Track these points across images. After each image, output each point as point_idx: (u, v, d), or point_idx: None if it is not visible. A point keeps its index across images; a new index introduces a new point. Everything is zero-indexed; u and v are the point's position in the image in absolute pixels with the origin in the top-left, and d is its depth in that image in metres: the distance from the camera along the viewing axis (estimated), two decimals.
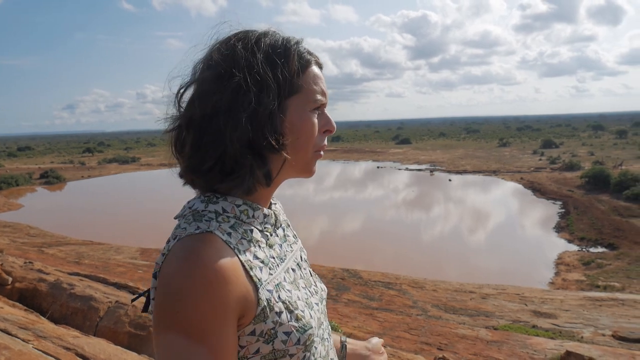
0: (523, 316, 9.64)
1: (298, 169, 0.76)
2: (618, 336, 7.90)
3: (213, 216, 0.68)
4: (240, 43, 0.71)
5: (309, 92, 0.73)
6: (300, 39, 0.76)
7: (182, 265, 0.61)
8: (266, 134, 0.68)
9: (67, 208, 29.26)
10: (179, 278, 0.60)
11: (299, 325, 0.68)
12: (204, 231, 0.64)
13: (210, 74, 0.70)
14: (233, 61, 0.70)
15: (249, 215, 0.72)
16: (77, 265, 11.93)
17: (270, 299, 0.66)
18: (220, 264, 0.61)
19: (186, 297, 0.59)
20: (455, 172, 39.84)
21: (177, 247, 0.63)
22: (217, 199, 0.71)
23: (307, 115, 0.73)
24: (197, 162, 0.70)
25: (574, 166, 33.23)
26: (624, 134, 61.14)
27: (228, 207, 0.70)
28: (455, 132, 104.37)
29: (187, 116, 0.71)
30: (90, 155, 70.60)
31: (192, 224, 0.67)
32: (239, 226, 0.70)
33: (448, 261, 16.93)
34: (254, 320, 0.65)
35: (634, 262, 15.16)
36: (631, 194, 22.21)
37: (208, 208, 0.70)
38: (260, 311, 0.65)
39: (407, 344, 6.76)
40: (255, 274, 0.66)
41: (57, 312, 4.71)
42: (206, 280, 0.59)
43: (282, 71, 0.70)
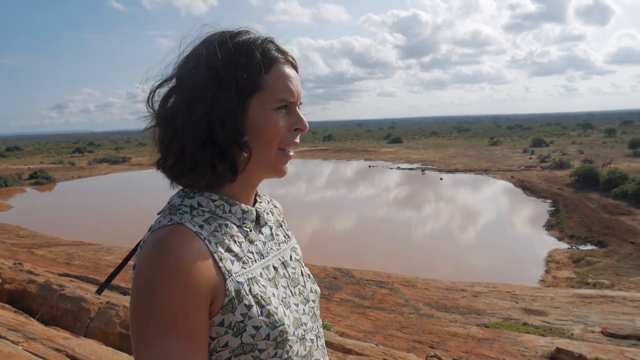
0: (514, 314, 9.72)
1: (265, 167, 0.76)
2: (607, 333, 7.98)
3: (187, 210, 0.71)
4: (205, 44, 0.73)
5: (273, 90, 0.73)
6: (271, 37, 0.76)
7: (151, 254, 0.63)
8: (225, 131, 0.69)
9: (57, 209, 29.00)
10: (148, 267, 0.62)
11: (269, 320, 0.68)
12: (175, 223, 0.67)
13: (177, 74, 0.74)
14: (194, 62, 0.72)
15: (224, 210, 0.73)
16: (67, 266, 11.82)
17: (240, 290, 0.67)
18: (186, 251, 0.63)
19: (154, 284, 0.61)
20: (446, 171, 40.04)
21: (148, 239, 0.66)
22: (193, 194, 0.73)
23: (268, 114, 0.73)
24: (163, 159, 0.73)
25: (564, 165, 33.56)
26: (613, 133, 61.84)
27: (203, 202, 0.72)
28: (446, 131, 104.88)
29: (160, 113, 0.74)
30: (80, 155, 69.98)
31: (166, 217, 0.69)
32: (213, 220, 0.71)
33: (440, 260, 17.02)
34: (221, 310, 0.65)
35: (623, 260, 15.35)
36: (620, 192, 22.48)
37: (184, 202, 0.72)
38: (228, 302, 0.66)
39: (399, 342, 6.78)
40: (225, 265, 0.67)
41: (47, 314, 4.67)
42: (172, 267, 0.61)
43: (243, 69, 0.71)
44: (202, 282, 0.63)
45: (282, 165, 0.77)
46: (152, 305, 0.61)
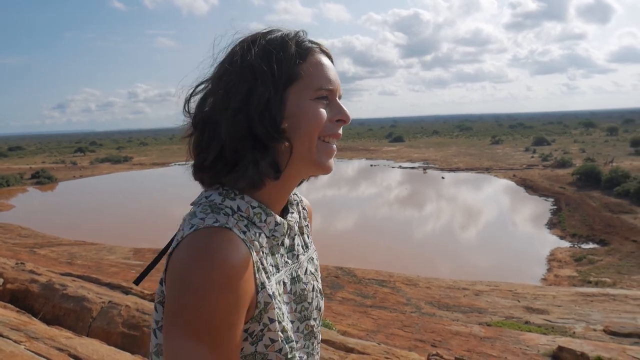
0: (516, 312, 9.72)
1: (308, 162, 0.73)
2: (609, 331, 7.98)
3: (230, 212, 0.68)
4: (239, 45, 0.73)
5: (311, 79, 0.71)
6: (302, 30, 0.76)
7: (201, 258, 0.60)
8: (263, 122, 0.67)
9: (59, 208, 29.05)
10: (198, 271, 0.59)
11: (284, 336, 0.68)
12: (223, 225, 0.64)
13: (210, 77, 0.73)
14: (229, 60, 0.72)
15: (261, 219, 0.71)
16: (69, 265, 11.85)
17: (269, 304, 0.66)
18: (239, 261, 0.61)
19: (205, 292, 0.58)
20: (448, 170, 39.98)
21: (194, 238, 0.62)
22: (234, 195, 0.71)
23: (307, 104, 0.71)
24: (202, 159, 0.71)
25: (566, 163, 33.49)
26: (615, 131, 61.68)
27: (243, 207, 0.70)
28: (448, 129, 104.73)
29: (196, 116, 0.73)
30: (82, 155, 70.08)
31: (209, 215, 0.65)
32: (251, 227, 0.69)
33: (441, 258, 17.01)
34: (250, 320, 0.65)
35: (625, 258, 15.32)
36: (622, 191, 22.42)
37: (225, 203, 0.69)
38: (258, 313, 0.65)
39: (401, 341, 6.78)
40: (260, 277, 0.66)
41: (49, 313, 4.68)
42: (225, 277, 0.59)
43: (278, 60, 0.69)
44: (248, 291, 0.63)
45: (326, 160, 0.74)
46: (201, 313, 0.58)
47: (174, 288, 0.61)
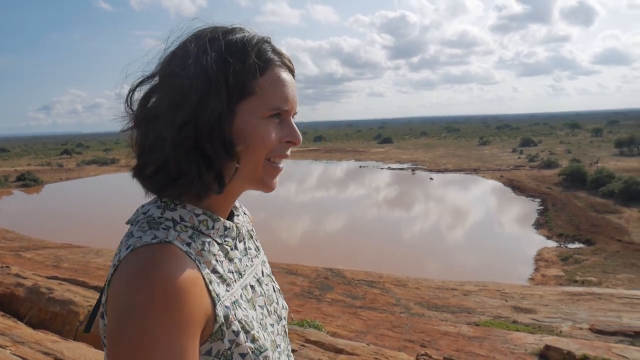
0: (504, 312, 9.80)
1: (252, 181, 0.70)
2: (595, 329, 8.09)
3: (170, 224, 0.63)
4: (194, 40, 0.66)
5: (266, 96, 0.66)
6: (267, 37, 0.70)
7: (140, 278, 0.55)
8: (212, 139, 0.62)
9: (45, 211, 28.65)
10: (137, 293, 0.54)
11: (255, 346, 0.63)
12: (162, 241, 0.59)
13: (160, 71, 0.66)
14: (181, 59, 0.64)
15: (208, 226, 0.67)
16: (55, 269, 11.69)
17: (228, 315, 0.61)
18: (182, 276, 0.56)
19: (148, 314, 0.53)
20: (436, 171, 40.24)
21: (131, 258, 0.57)
22: (175, 205, 0.65)
23: (258, 122, 0.66)
24: (142, 166, 0.65)
25: (552, 164, 33.91)
26: (600, 132, 62.62)
27: (186, 216, 0.65)
28: (436, 131, 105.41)
29: (134, 116, 0.67)
30: (68, 157, 69.23)
31: (147, 232, 0.60)
32: (197, 237, 0.64)
33: (430, 259, 17.11)
34: (210, 338, 0.60)
35: (610, 257, 15.55)
36: (607, 191, 22.77)
37: (165, 215, 0.64)
38: (218, 328, 0.60)
39: (390, 341, 6.81)
40: (214, 289, 0.61)
41: (35, 317, 4.62)
42: (167, 295, 0.54)
43: (235, 71, 0.64)
44: (197, 308, 0.57)
45: (271, 179, 0.71)
46: (144, 339, 0.52)
47: (113, 316, 0.55)
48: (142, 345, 0.52)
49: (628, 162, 33.20)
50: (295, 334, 4.87)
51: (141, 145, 0.65)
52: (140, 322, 0.53)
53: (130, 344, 0.53)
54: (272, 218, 22.75)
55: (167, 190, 0.65)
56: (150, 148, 0.64)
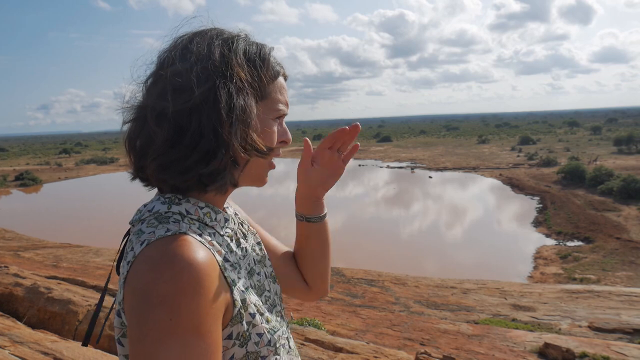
0: (503, 310, 9.82)
1: (253, 177, 0.74)
2: (594, 327, 8.11)
3: (179, 218, 0.65)
4: (219, 40, 0.68)
5: (275, 100, 0.73)
6: (272, 47, 0.75)
7: (163, 268, 0.56)
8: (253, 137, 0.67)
9: (44, 210, 28.63)
10: (163, 284, 0.55)
11: (269, 326, 0.68)
12: (177, 232, 0.61)
13: (188, 66, 0.65)
14: (218, 58, 0.66)
15: (211, 218, 0.70)
16: (54, 268, 11.68)
17: (245, 299, 0.65)
18: (203, 262, 0.58)
19: (177, 301, 0.54)
20: (435, 169, 40.26)
21: (149, 252, 0.58)
22: (179, 200, 0.67)
23: (270, 123, 0.72)
24: (175, 160, 0.64)
25: (551, 162, 33.96)
26: (599, 130, 62.71)
27: (191, 209, 0.67)
28: (435, 129, 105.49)
29: (157, 109, 0.64)
30: (67, 156, 69.18)
31: (158, 226, 0.62)
32: (204, 229, 0.67)
33: (430, 257, 17.13)
34: (231, 322, 0.63)
35: (609, 255, 15.58)
36: (605, 189, 22.81)
37: (172, 209, 0.66)
38: (237, 312, 0.63)
39: (390, 340, 6.82)
40: (229, 275, 0.64)
41: (34, 317, 4.61)
42: (194, 280, 0.56)
43: (261, 76, 0.70)
44: (219, 292, 0.59)
45: (267, 176, 0.77)
46: (174, 324, 0.54)
47: (140, 309, 0.55)
48: (173, 331, 0.53)
49: (627, 160, 33.25)
50: (295, 332, 4.87)
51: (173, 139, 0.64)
52: (170, 309, 0.54)
53: (160, 332, 0.53)
54: (271, 216, 22.76)
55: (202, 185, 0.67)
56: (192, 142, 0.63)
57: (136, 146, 0.69)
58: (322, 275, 0.97)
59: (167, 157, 0.64)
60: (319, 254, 0.95)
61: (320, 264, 0.96)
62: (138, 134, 0.68)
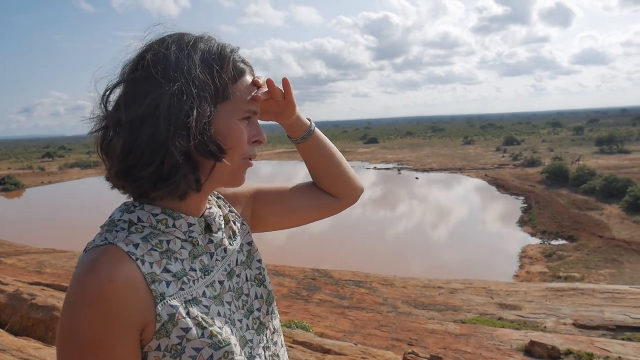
0: (489, 309, 9.92)
1: (225, 177, 0.73)
2: (578, 324, 8.24)
3: (125, 226, 0.67)
4: (174, 45, 0.68)
5: (240, 100, 0.71)
6: (236, 47, 0.74)
7: (77, 278, 0.61)
8: (205, 141, 0.66)
9: (27, 215, 28.14)
10: (73, 291, 0.60)
11: (212, 341, 0.65)
12: (107, 242, 0.63)
13: (141, 74, 0.66)
14: (170, 63, 0.66)
15: (167, 225, 0.69)
16: (38, 274, 11.49)
17: (174, 314, 0.63)
18: (115, 276, 0.60)
19: (77, 309, 0.59)
20: (422, 170, 40.55)
21: (80, 260, 0.63)
22: (134, 207, 0.69)
23: (235, 124, 0.70)
24: (129, 167, 0.65)
25: (535, 162, 34.44)
26: (581, 131, 63.77)
27: (144, 216, 0.68)
28: (421, 131, 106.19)
29: (116, 117, 0.66)
30: (50, 160, 68.09)
31: (102, 235, 0.66)
32: (153, 237, 0.67)
33: (417, 258, 17.23)
34: (155, 336, 0.63)
35: (592, 253, 15.84)
36: (588, 188, 23.21)
37: (123, 217, 0.68)
38: (161, 327, 0.63)
39: (378, 340, 6.84)
40: (156, 288, 0.63)
41: (17, 324, 4.53)
42: (95, 294, 0.59)
43: (218, 77, 0.68)
44: (129, 309, 0.60)
45: (243, 175, 0.75)
46: (73, 332, 0.59)
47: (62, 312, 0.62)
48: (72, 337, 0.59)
49: (608, 159, 33.89)
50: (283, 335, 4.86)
51: (127, 146, 0.64)
52: (73, 316, 0.59)
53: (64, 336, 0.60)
54: None
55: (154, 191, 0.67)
56: (143, 149, 0.64)
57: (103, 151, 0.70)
58: (345, 181, 0.95)
59: (123, 164, 0.65)
60: (327, 163, 0.94)
61: (335, 171, 0.94)
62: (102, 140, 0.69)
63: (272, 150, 71.84)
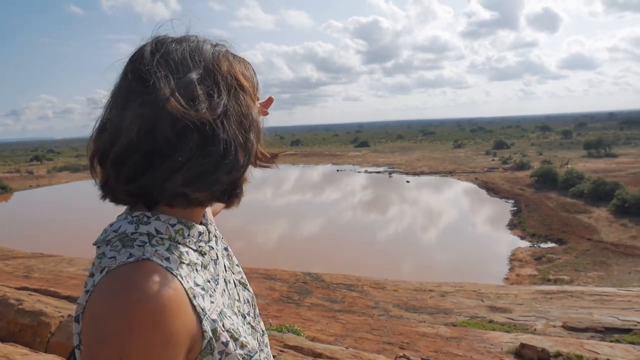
0: (480, 312, 9.96)
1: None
2: (568, 326, 8.30)
3: (146, 239, 0.59)
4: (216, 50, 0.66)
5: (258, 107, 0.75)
6: None
7: (119, 301, 0.51)
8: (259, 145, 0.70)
9: (14, 219, 27.78)
10: (117, 318, 0.51)
11: (244, 352, 0.63)
12: (139, 258, 0.55)
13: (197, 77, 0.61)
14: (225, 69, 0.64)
15: (184, 235, 0.64)
16: (25, 279, 11.34)
17: (216, 329, 0.60)
18: (165, 296, 0.53)
19: (128, 338, 0.50)
20: (412, 174, 40.72)
21: (107, 282, 0.54)
22: (148, 218, 0.61)
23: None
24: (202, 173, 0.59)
25: (524, 166, 34.75)
26: (569, 135, 64.51)
27: (162, 228, 0.61)
28: (412, 134, 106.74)
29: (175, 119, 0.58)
30: (38, 163, 67.33)
31: (121, 251, 0.57)
32: (174, 249, 0.61)
33: (408, 261, 17.27)
34: (200, 355, 0.58)
35: (581, 256, 16.00)
36: (577, 191, 23.45)
37: (139, 230, 0.60)
38: (207, 344, 0.58)
39: (369, 344, 6.83)
40: (199, 303, 0.58)
41: (3, 330, 4.47)
42: (150, 316, 0.51)
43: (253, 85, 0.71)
44: (183, 328, 0.54)
45: None
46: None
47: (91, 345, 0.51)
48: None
49: (596, 163, 34.29)
50: (274, 339, 4.84)
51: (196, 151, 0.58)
52: (120, 347, 0.50)
53: None
54: (249, 223, 22.60)
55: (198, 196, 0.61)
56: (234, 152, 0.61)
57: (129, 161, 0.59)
58: None
59: (194, 169, 0.59)
60: None
61: None
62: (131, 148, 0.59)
63: None
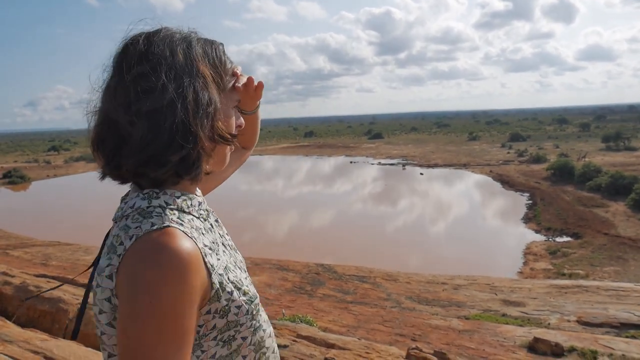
0: (493, 305, 9.91)
1: (217, 161, 0.80)
2: (582, 321, 8.21)
3: (160, 211, 0.70)
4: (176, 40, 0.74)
5: (230, 90, 0.80)
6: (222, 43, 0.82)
7: (151, 260, 0.63)
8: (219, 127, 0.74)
9: (33, 208, 28.32)
10: (149, 272, 0.62)
11: (246, 298, 0.75)
12: (161, 226, 0.66)
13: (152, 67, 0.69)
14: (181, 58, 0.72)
15: (188, 205, 0.75)
16: (44, 267, 11.59)
17: (222, 282, 0.71)
18: (188, 252, 0.64)
19: (159, 288, 0.61)
20: (426, 166, 40.44)
21: (138, 246, 0.65)
22: (156, 194, 0.73)
23: (230, 112, 0.79)
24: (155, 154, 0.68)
25: (541, 159, 34.25)
26: (587, 127, 63.38)
27: (170, 200, 0.72)
28: (426, 126, 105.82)
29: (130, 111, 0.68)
30: (56, 153, 68.42)
31: (143, 222, 0.68)
32: (183, 217, 0.72)
33: (421, 253, 17.21)
34: (209, 302, 0.69)
35: (597, 250, 15.77)
36: (594, 185, 23.06)
37: (152, 204, 0.71)
38: (214, 293, 0.69)
39: (381, 336, 6.85)
40: (209, 260, 0.69)
41: (23, 316, 4.57)
42: (177, 270, 0.62)
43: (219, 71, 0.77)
44: (199, 280, 0.66)
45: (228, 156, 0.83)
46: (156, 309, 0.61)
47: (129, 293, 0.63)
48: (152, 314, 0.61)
49: (614, 156, 33.65)
50: (287, 329, 4.88)
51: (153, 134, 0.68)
52: (152, 295, 0.61)
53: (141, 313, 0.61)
54: (262, 213, 22.72)
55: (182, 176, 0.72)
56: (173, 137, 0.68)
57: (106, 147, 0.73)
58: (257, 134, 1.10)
59: (144, 153, 0.68)
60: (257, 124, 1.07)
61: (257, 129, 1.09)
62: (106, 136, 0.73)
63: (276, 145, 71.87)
